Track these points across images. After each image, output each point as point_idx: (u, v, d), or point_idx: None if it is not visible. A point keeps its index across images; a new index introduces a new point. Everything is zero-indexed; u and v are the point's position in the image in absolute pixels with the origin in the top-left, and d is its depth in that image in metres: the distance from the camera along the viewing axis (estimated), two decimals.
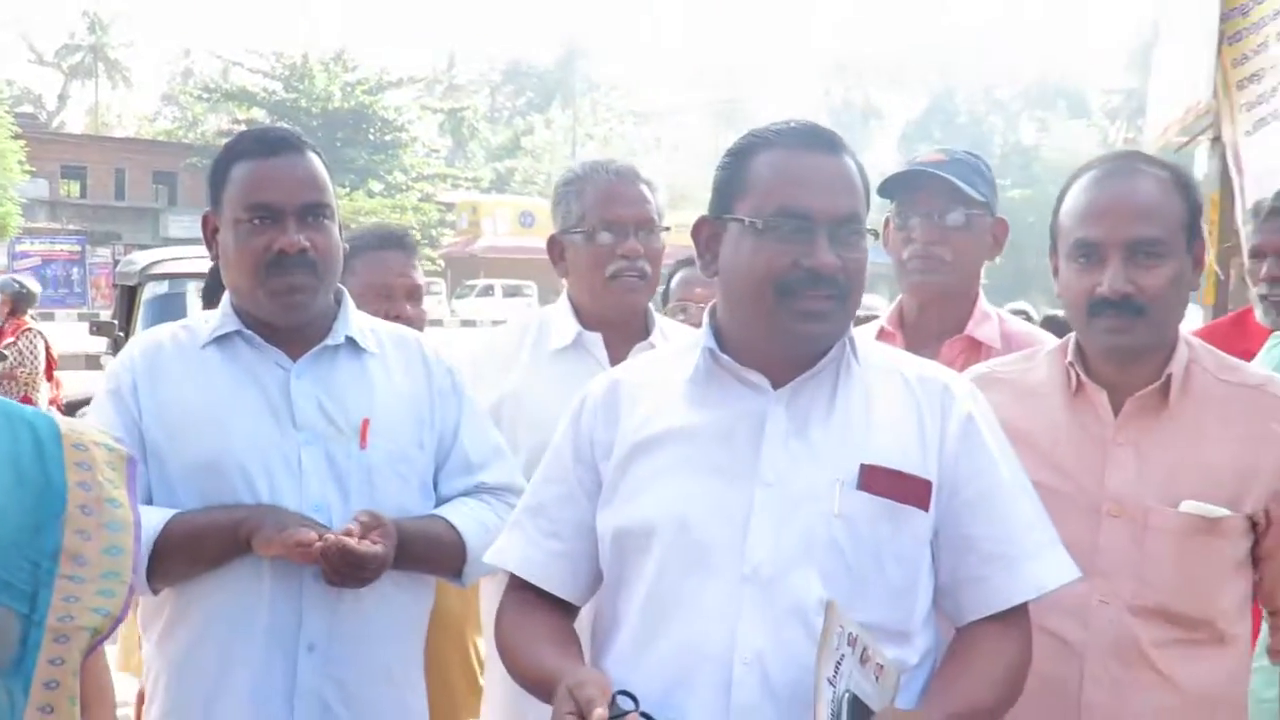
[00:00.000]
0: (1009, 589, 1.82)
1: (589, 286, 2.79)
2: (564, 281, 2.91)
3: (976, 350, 2.72)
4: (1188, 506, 2.03)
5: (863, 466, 1.79)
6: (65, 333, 18.84)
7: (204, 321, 2.32)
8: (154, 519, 2.11)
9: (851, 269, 1.81)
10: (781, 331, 1.81)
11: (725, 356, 1.87)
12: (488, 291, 39.98)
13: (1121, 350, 2.09)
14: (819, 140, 1.86)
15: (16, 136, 34.77)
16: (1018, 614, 1.84)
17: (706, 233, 1.92)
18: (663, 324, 2.91)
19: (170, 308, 9.49)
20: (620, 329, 2.79)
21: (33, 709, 1.48)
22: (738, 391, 1.87)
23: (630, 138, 62.88)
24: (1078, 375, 2.14)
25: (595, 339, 2.77)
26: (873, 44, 74.59)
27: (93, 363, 15.08)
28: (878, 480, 1.79)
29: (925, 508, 1.81)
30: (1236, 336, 3.40)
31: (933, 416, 1.85)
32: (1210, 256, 5.33)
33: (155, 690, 2.23)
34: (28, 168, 35.36)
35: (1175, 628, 2.05)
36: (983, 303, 2.84)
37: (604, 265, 2.73)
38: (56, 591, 1.49)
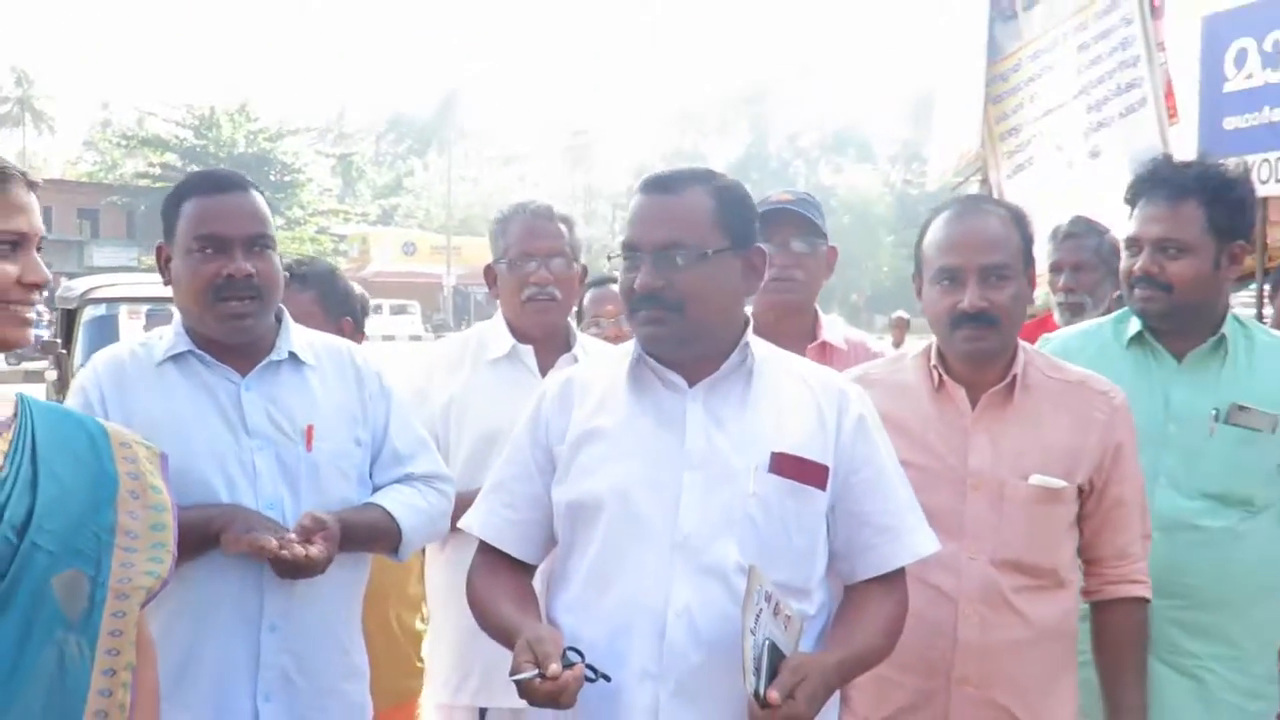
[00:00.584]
0: (895, 555, 1.90)
1: (512, 307, 2.83)
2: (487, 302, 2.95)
3: (827, 352, 2.82)
4: (1035, 480, 2.14)
5: (773, 454, 1.84)
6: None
7: (158, 339, 2.26)
8: None
9: (679, 285, 1.85)
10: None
11: (651, 360, 1.92)
12: (377, 310, 38.95)
13: (978, 355, 2.18)
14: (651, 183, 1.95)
15: None
16: (898, 575, 1.93)
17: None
18: (583, 339, 2.94)
19: (105, 328, 9.23)
20: (545, 342, 2.81)
21: (101, 653, 1.51)
22: (662, 390, 1.92)
23: (497, 177, 62.57)
24: (940, 375, 2.23)
25: (527, 350, 2.79)
26: (701, 97, 75.15)
27: (33, 377, 14.49)
28: (785, 465, 1.84)
29: (823, 488, 1.87)
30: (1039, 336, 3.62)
31: (831, 413, 1.90)
32: None
33: None
34: None
35: (1027, 576, 2.15)
36: (822, 313, 2.98)
37: (520, 290, 2.78)
38: (115, 558, 1.53)
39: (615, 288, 4.34)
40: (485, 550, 2.04)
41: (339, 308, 3.11)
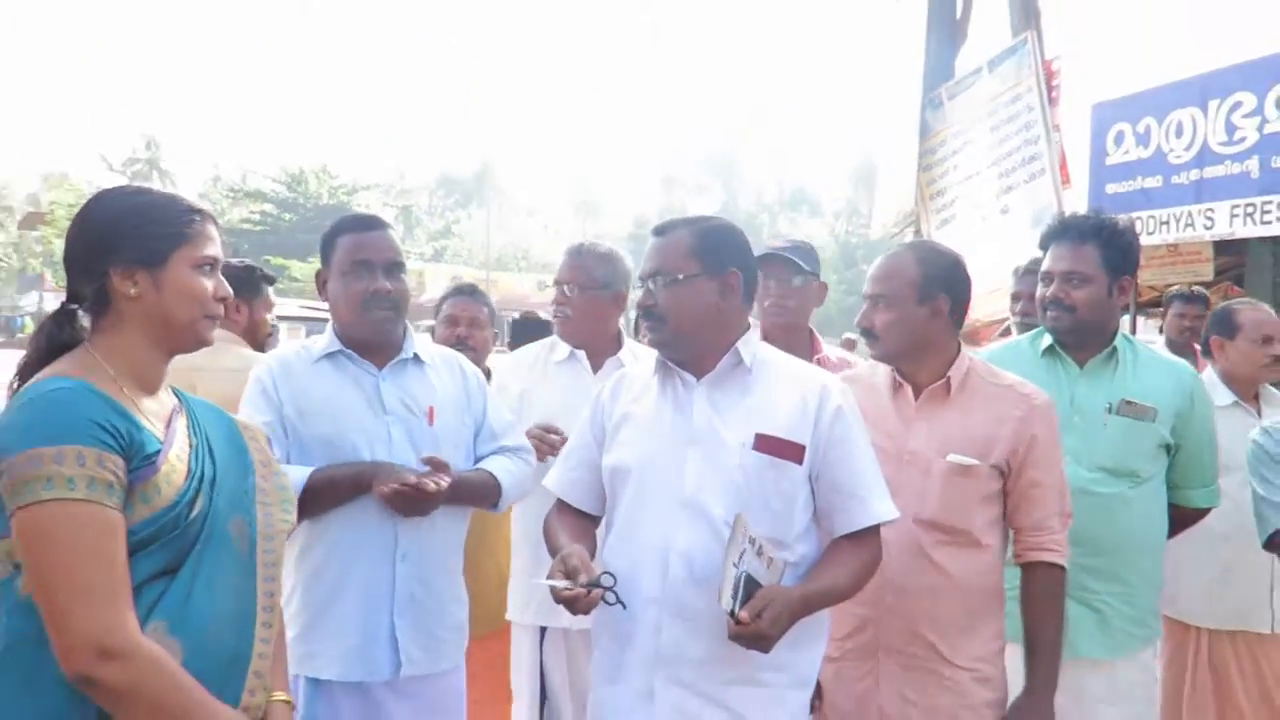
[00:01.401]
0: (859, 517, 1.92)
1: (556, 325, 2.91)
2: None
3: (824, 364, 2.83)
4: (951, 458, 2.17)
5: (757, 434, 1.90)
6: None
7: (313, 343, 2.36)
8: (299, 473, 2.15)
9: (663, 304, 1.95)
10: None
11: (667, 361, 2.01)
12: (430, 330, 39.02)
13: (877, 359, 2.29)
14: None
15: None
16: (867, 534, 1.93)
17: None
18: (631, 344, 2.97)
19: None
20: (599, 346, 2.88)
21: (260, 581, 1.59)
22: (679, 383, 2.00)
23: (525, 225, 62.62)
24: (895, 377, 2.27)
25: (582, 354, 2.87)
26: (684, 162, 75.45)
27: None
28: (766, 443, 1.90)
29: (799, 462, 1.90)
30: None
31: (813, 403, 1.93)
32: None
33: (291, 596, 2.24)
34: None
35: (943, 534, 2.16)
36: (817, 334, 3.02)
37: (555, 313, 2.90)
38: (259, 511, 1.61)
39: None
40: (559, 502, 2.14)
41: None
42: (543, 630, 2.77)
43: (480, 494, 2.33)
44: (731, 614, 1.71)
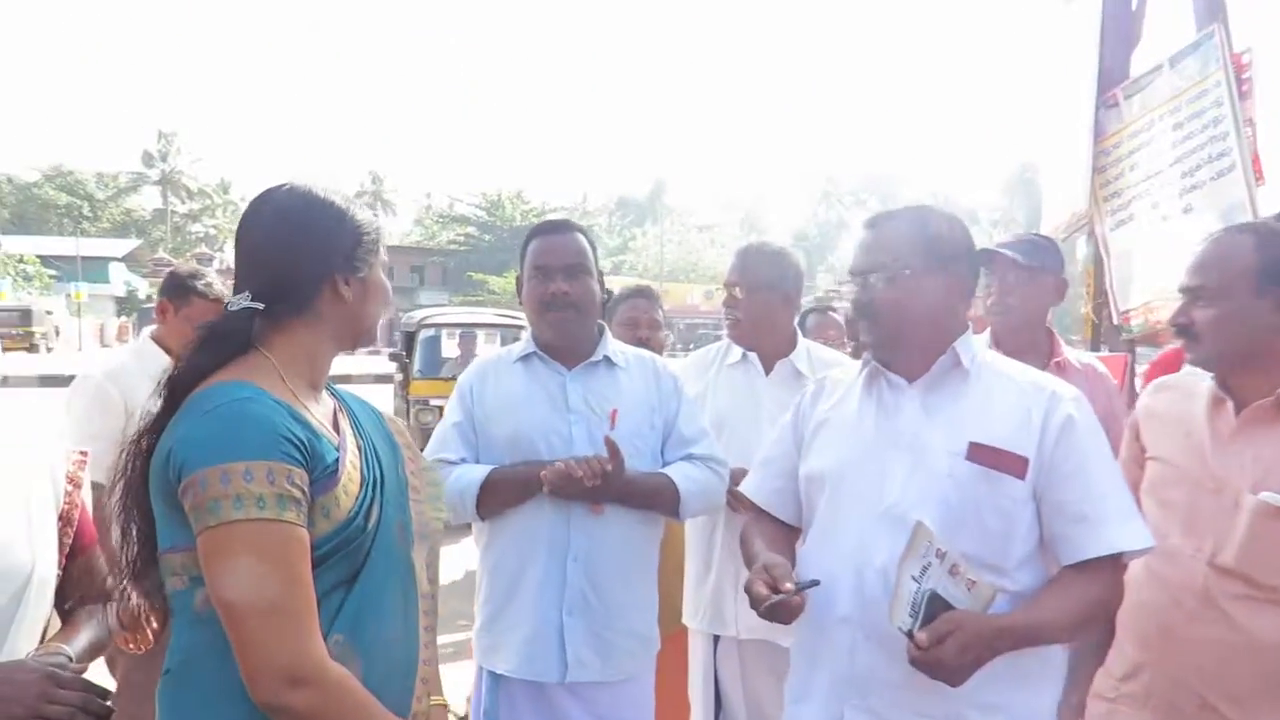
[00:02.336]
0: (1089, 544, 1.54)
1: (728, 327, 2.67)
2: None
3: (1064, 369, 2.46)
4: (1265, 496, 1.65)
5: (971, 443, 1.59)
6: (360, 362, 19.12)
7: (516, 349, 2.25)
8: (480, 472, 2.06)
9: (873, 300, 1.67)
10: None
11: (876, 364, 1.73)
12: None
13: (1195, 363, 1.86)
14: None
15: None
16: (1103, 565, 1.54)
17: None
18: (805, 344, 2.64)
19: (433, 345, 9.58)
20: (771, 349, 2.60)
21: (420, 583, 1.44)
22: (886, 387, 1.72)
23: (694, 240, 62.66)
24: (1218, 388, 1.81)
25: (754, 357, 2.61)
26: (843, 175, 73.41)
27: (383, 379, 15.20)
28: (981, 453, 1.58)
29: (1021, 477, 1.56)
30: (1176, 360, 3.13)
31: (1038, 413, 1.59)
32: (1089, 307, 5.11)
33: (480, 584, 2.17)
34: None
35: (1245, 586, 1.69)
36: (1058, 335, 2.57)
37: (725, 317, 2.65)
38: (413, 508, 1.46)
39: (835, 315, 4.07)
40: (756, 510, 1.89)
41: None
42: (716, 638, 2.54)
43: (654, 498, 2.12)
44: (909, 634, 1.45)
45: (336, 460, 1.31)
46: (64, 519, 1.54)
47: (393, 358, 9.92)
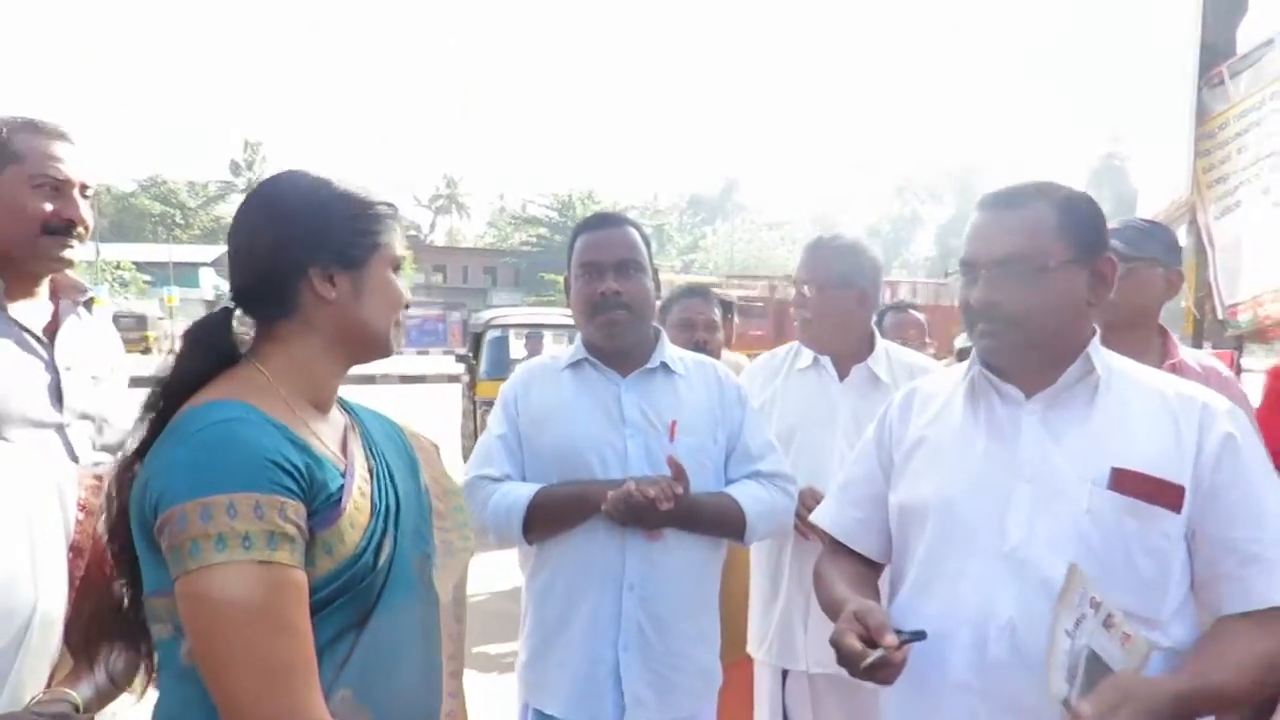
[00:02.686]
0: (1265, 589, 1.27)
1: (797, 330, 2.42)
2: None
3: (1181, 371, 2.11)
4: None
5: (1114, 469, 1.32)
6: (435, 362, 19.34)
7: (564, 353, 2.05)
8: (525, 492, 1.86)
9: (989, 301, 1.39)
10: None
11: (988, 373, 1.45)
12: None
13: None
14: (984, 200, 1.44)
15: (408, 248, 36.20)
16: (1276, 613, 1.28)
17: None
18: (884, 345, 2.37)
19: (500, 345, 9.54)
20: (845, 351, 2.33)
21: (444, 623, 1.28)
22: (998, 402, 1.44)
23: (765, 238, 61.97)
24: None
25: (826, 361, 2.34)
26: (918, 168, 71.56)
27: (453, 379, 15.28)
28: (1128, 482, 1.31)
29: (1176, 509, 1.30)
30: None
31: (1190, 430, 1.33)
32: (1190, 301, 4.73)
33: (525, 614, 1.97)
34: (412, 266, 36.65)
35: None
36: (1172, 335, 2.20)
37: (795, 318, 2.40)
38: (437, 539, 1.29)
39: (911, 312, 3.79)
40: (833, 543, 1.63)
41: None
42: (784, 672, 2.30)
43: (719, 521, 1.91)
44: (1065, 703, 1.19)
45: (341, 488, 1.14)
46: (75, 550, 1.40)
47: (460, 359, 9.93)
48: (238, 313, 1.21)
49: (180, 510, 1.02)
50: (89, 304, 1.90)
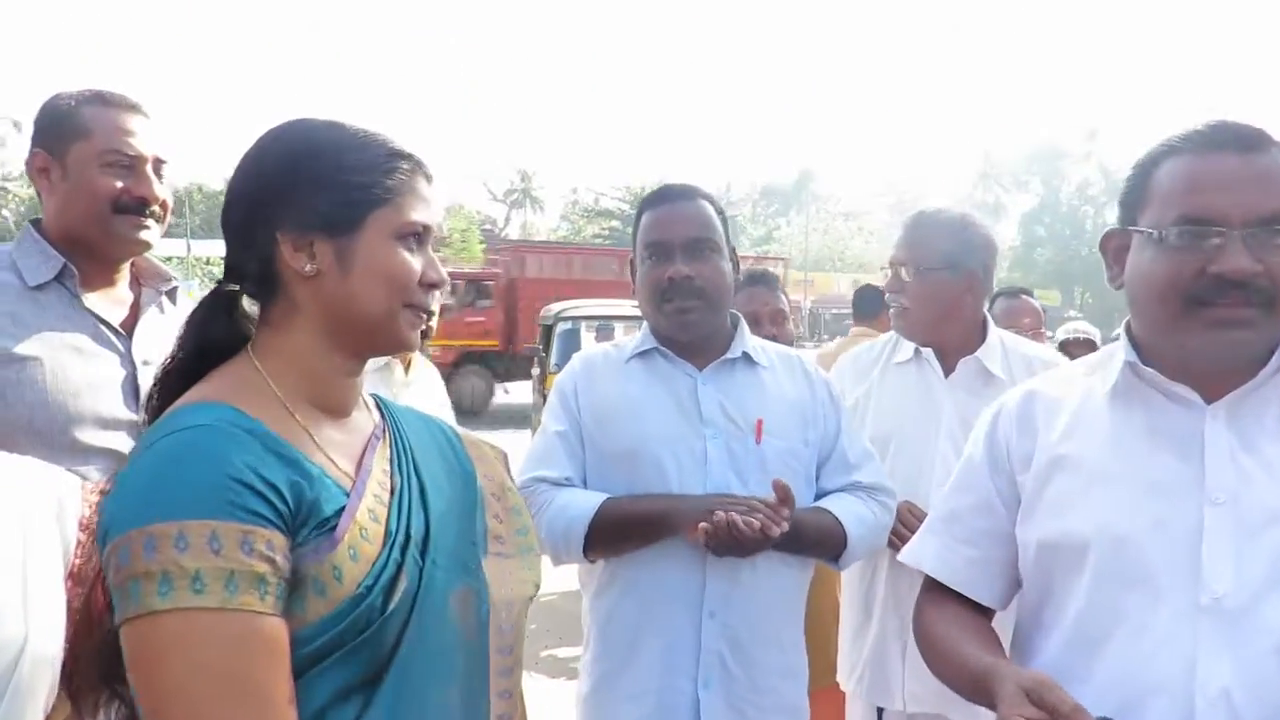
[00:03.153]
0: None
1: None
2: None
3: None
4: None
5: None
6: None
7: (630, 341, 1.82)
8: (589, 502, 1.62)
9: (1275, 271, 1.06)
10: (1192, 343, 1.10)
11: (1149, 370, 1.16)
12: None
13: None
14: (1227, 139, 1.10)
15: (481, 242, 36.87)
16: None
17: (1114, 244, 1.22)
18: (998, 334, 2.06)
19: (571, 338, 9.43)
20: (950, 343, 2.02)
21: (494, 674, 1.04)
22: (1163, 405, 1.16)
23: (840, 228, 60.85)
24: None
25: (930, 353, 2.03)
26: (1002, 153, 69.08)
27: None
28: None
29: None
30: None
31: None
32: None
33: (589, 638, 1.74)
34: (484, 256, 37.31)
35: None
36: None
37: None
38: (490, 570, 1.06)
39: (1026, 298, 3.42)
40: (935, 588, 1.34)
41: None
42: (879, 710, 2.02)
43: (819, 543, 1.67)
44: None
45: (340, 510, 0.93)
46: (74, 577, 1.22)
47: (530, 351, 9.85)
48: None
49: (124, 540, 0.82)
50: (173, 294, 1.78)
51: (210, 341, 0.99)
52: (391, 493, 1.00)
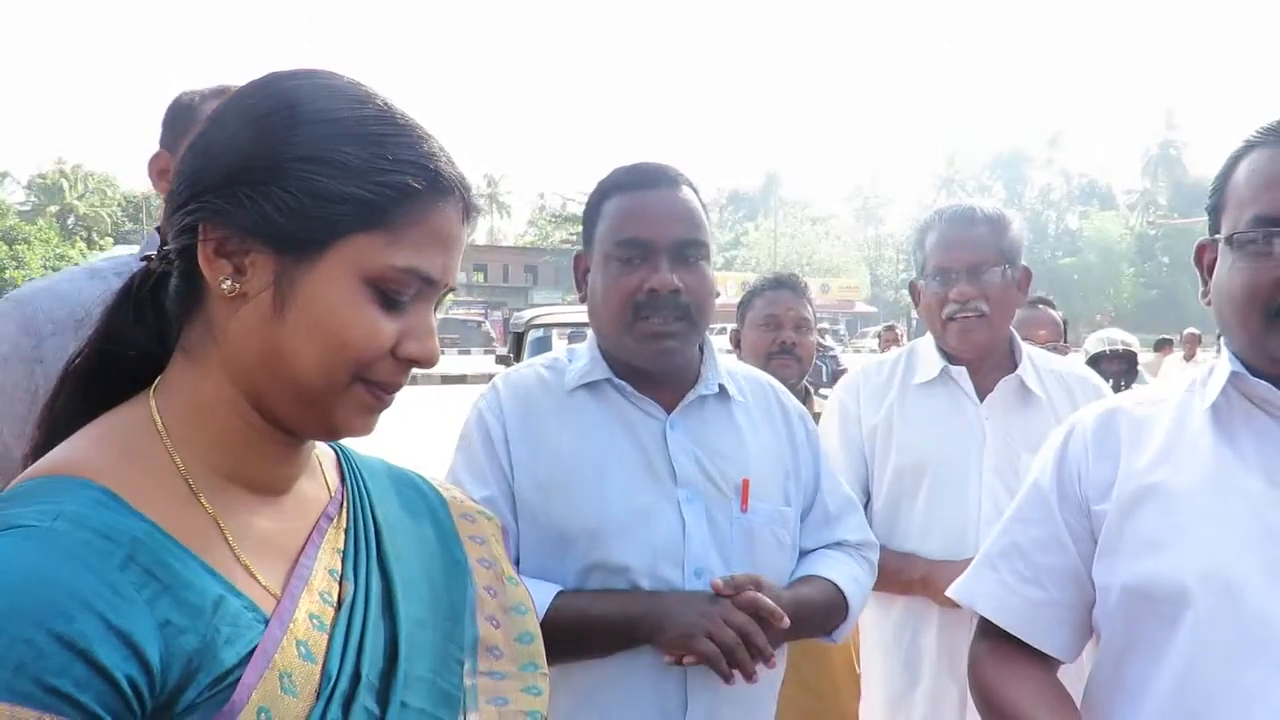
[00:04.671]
0: None
1: (934, 326, 1.79)
2: None
3: None
4: None
5: None
6: (475, 362, 18.99)
7: (568, 360, 1.40)
8: (537, 598, 1.19)
9: None
10: None
11: (1262, 383, 0.99)
12: (722, 332, 39.18)
13: None
14: None
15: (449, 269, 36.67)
16: None
17: (1206, 257, 1.07)
18: (1032, 353, 1.82)
19: (543, 346, 9.18)
20: (985, 360, 1.77)
21: None
22: (1275, 432, 0.99)
23: (808, 233, 61.00)
24: None
25: (961, 372, 1.76)
26: (966, 159, 69.76)
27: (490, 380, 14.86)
28: None
29: None
30: None
31: None
32: None
33: None
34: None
35: None
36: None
37: (939, 309, 1.74)
38: (482, 694, 0.78)
39: (1044, 308, 3.21)
40: (993, 634, 1.14)
41: None
42: None
43: (819, 622, 1.37)
44: None
45: (248, 655, 0.63)
46: None
47: (500, 360, 9.56)
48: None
49: None
50: None
51: (119, 343, 0.71)
52: (339, 606, 0.71)
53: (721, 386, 1.39)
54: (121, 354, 0.71)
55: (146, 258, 0.73)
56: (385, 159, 0.68)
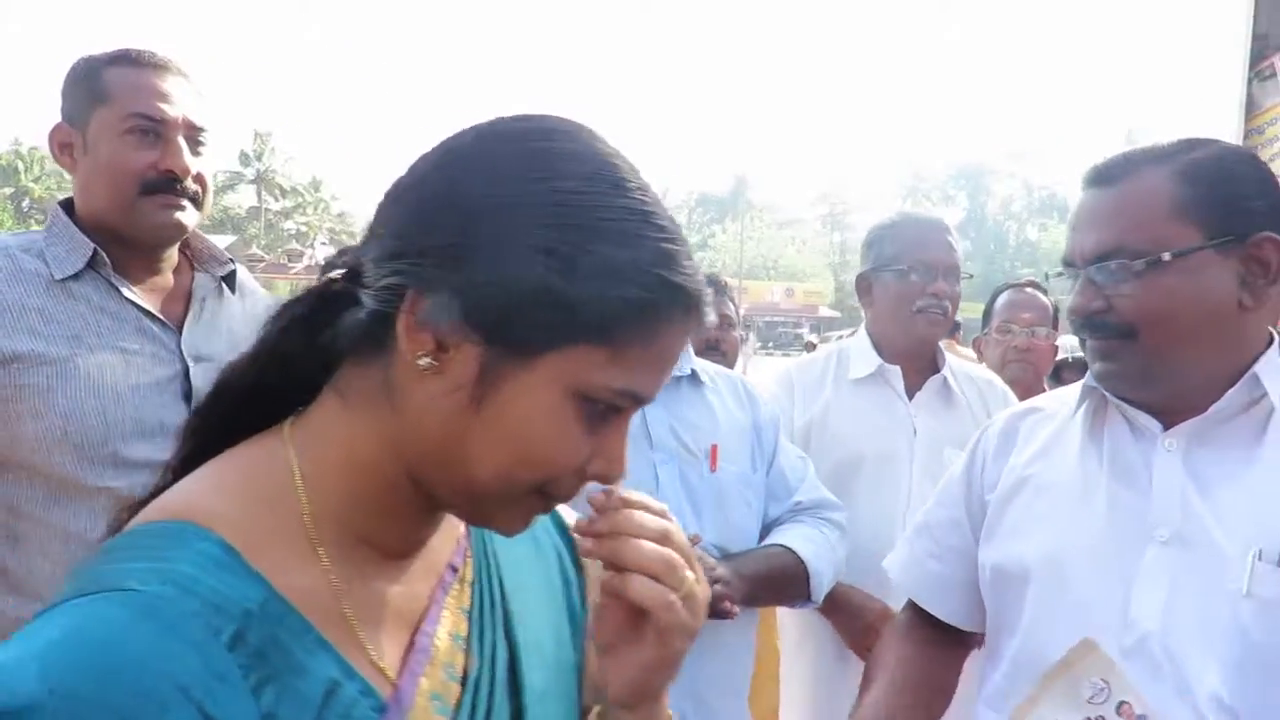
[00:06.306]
0: None
1: (894, 319, 1.94)
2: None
3: None
4: None
5: None
6: None
7: None
8: None
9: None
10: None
11: (1105, 395, 1.11)
12: None
13: None
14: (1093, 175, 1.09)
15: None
16: None
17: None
18: (954, 362, 2.01)
19: None
20: (915, 361, 1.95)
21: None
22: (1127, 435, 1.09)
23: (774, 237, 61.61)
24: None
25: (895, 371, 1.93)
26: (931, 168, 70.95)
27: None
28: None
29: None
30: None
31: None
32: None
33: None
34: None
35: None
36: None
37: (912, 300, 1.89)
38: None
39: (1033, 292, 3.18)
40: (911, 605, 1.32)
41: None
42: None
43: (786, 588, 1.56)
44: None
45: None
46: None
47: None
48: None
49: None
50: (231, 278, 1.53)
51: (283, 364, 0.63)
52: (464, 681, 0.65)
53: (694, 371, 1.61)
54: (288, 354, 0.63)
55: (325, 265, 0.64)
56: (635, 266, 0.58)
